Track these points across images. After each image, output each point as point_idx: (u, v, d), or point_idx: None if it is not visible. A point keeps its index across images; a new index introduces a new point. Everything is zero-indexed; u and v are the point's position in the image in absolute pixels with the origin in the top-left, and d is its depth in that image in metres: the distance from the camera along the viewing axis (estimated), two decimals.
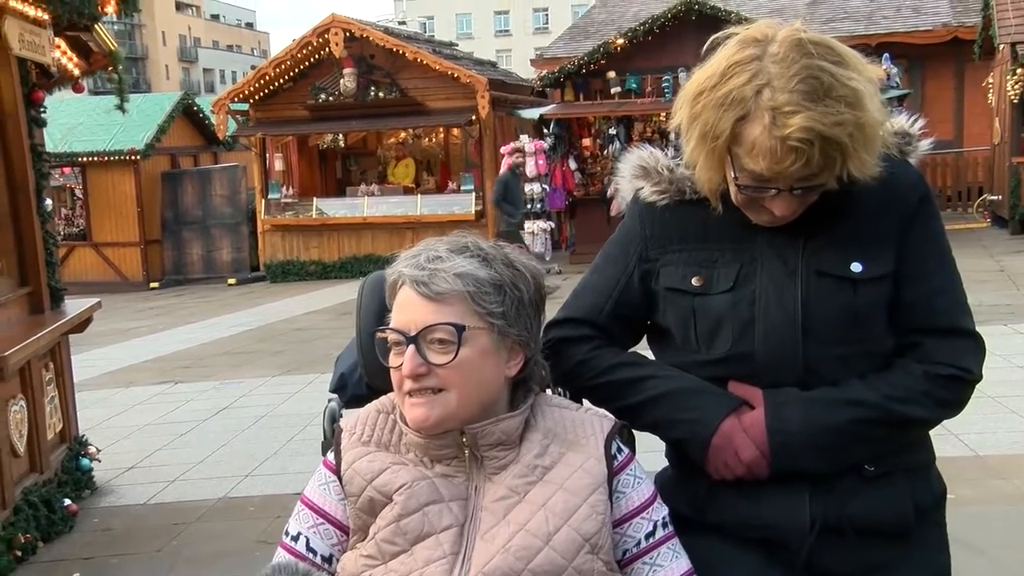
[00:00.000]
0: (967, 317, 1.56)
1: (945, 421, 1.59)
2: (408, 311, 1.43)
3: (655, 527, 1.50)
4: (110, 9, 5.03)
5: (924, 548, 1.61)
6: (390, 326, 1.45)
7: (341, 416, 1.68)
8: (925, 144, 1.65)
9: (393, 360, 1.45)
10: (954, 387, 1.53)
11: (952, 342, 1.54)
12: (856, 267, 1.51)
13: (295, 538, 1.51)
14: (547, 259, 13.52)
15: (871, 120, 1.39)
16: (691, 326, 1.58)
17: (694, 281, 1.58)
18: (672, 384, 1.58)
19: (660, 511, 1.52)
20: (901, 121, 1.64)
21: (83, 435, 5.43)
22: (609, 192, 13.64)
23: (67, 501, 4.77)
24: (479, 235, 1.54)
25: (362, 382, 1.70)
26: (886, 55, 14.82)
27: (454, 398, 1.42)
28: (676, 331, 1.62)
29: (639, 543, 1.49)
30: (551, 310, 1.60)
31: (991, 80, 15.16)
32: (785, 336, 1.51)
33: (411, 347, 1.41)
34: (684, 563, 1.51)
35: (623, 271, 1.66)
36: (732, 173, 1.46)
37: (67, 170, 16.42)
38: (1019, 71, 13.03)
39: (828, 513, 1.53)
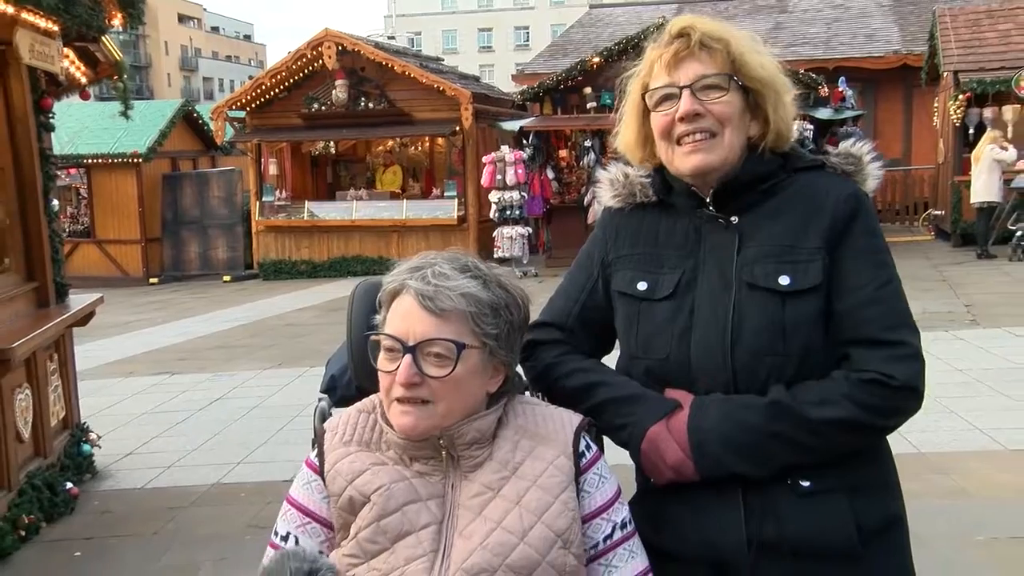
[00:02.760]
0: (900, 328, 1.47)
1: None
2: (408, 321, 1.39)
3: (614, 529, 1.46)
4: (117, 22, 4.99)
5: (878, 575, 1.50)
6: (387, 331, 1.41)
7: (331, 415, 1.66)
8: (876, 169, 1.59)
9: (385, 364, 1.41)
10: (876, 391, 1.43)
11: (877, 351, 1.45)
12: (784, 280, 1.48)
13: (284, 538, 1.48)
14: (524, 262, 13.56)
15: (747, 45, 1.53)
16: (633, 330, 1.58)
17: (639, 286, 1.58)
18: (617, 391, 1.56)
19: (620, 512, 1.48)
20: (847, 144, 1.62)
21: (84, 422, 5.38)
22: (586, 200, 13.73)
23: (69, 484, 4.74)
24: (461, 247, 1.53)
25: (352, 385, 1.68)
26: (842, 78, 15.01)
27: (441, 410, 1.41)
28: (621, 334, 1.62)
29: (596, 545, 1.45)
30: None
31: (936, 104, 15.32)
32: (715, 346, 1.50)
33: (408, 356, 1.38)
34: (639, 562, 1.47)
35: (588, 276, 1.68)
36: (649, 108, 1.58)
37: (73, 171, 16.23)
38: (960, 97, 13.19)
39: (765, 530, 1.47)
